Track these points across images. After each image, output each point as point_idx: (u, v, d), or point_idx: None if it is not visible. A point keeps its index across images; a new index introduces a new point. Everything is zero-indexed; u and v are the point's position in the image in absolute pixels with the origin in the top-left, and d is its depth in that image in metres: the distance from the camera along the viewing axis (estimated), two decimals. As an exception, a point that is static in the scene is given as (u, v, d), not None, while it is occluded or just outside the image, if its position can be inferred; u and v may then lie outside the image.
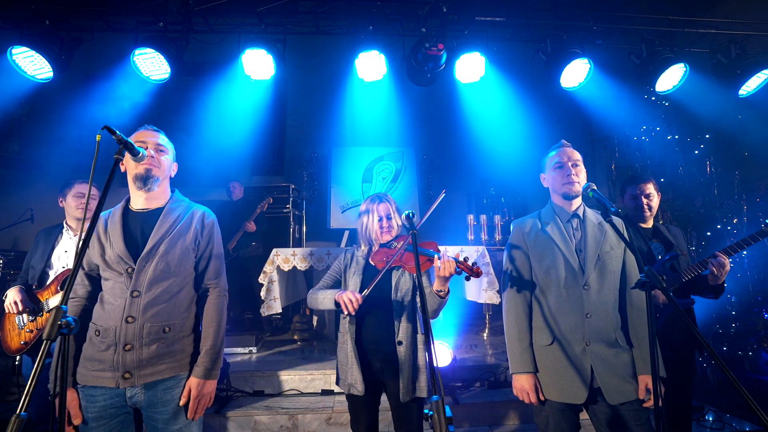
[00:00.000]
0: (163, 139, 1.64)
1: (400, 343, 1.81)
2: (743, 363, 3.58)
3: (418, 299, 1.88)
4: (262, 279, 3.59)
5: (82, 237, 1.18)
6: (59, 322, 1.03)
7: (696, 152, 4.14)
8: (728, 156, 4.21)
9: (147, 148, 1.54)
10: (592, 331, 1.64)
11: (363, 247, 2.01)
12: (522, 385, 1.69)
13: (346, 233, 5.06)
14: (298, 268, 3.65)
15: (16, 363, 2.36)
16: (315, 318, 4.61)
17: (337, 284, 2.04)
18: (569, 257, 1.71)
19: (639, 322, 1.66)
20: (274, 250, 3.67)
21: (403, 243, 1.83)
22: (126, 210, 1.59)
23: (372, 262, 1.93)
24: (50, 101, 5.65)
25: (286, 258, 3.66)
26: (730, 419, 3.05)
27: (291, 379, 3.28)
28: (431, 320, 1.84)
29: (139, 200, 1.59)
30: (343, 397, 3.15)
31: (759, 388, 3.40)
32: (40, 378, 1.99)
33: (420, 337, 1.86)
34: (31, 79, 3.45)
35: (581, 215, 1.79)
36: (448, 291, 1.70)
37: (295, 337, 4.42)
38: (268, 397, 3.16)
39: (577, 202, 1.80)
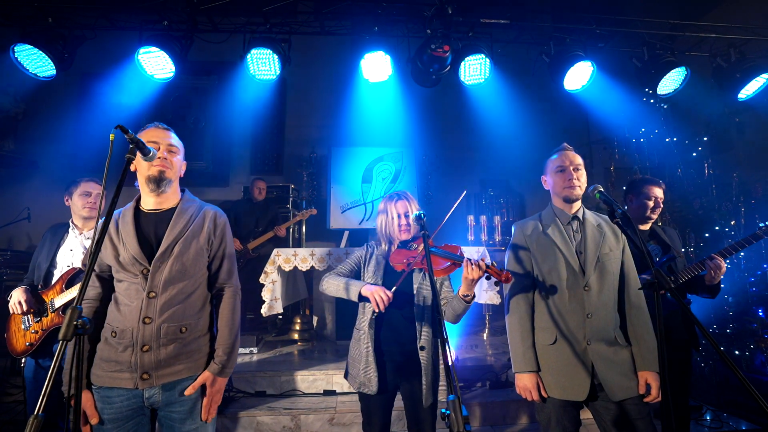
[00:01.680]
0: (174, 138, 1.61)
1: (422, 348, 1.80)
2: (740, 363, 3.63)
3: (440, 302, 1.85)
4: (263, 279, 3.58)
5: (95, 239, 1.17)
6: (75, 322, 1.03)
7: (694, 154, 4.19)
8: (726, 159, 4.27)
9: (159, 148, 1.52)
10: (593, 331, 1.68)
11: (383, 246, 1.98)
12: (525, 383, 1.73)
13: (346, 233, 5.06)
14: (300, 268, 3.65)
15: (22, 365, 2.32)
16: (315, 318, 4.60)
17: (356, 275, 2.00)
18: (570, 259, 1.75)
19: (637, 320, 1.71)
20: (275, 250, 3.67)
21: (424, 245, 1.80)
22: (137, 210, 1.57)
23: (391, 263, 1.89)
24: (46, 99, 5.60)
25: (287, 258, 3.66)
26: (727, 418, 3.09)
27: (293, 379, 3.28)
28: (454, 324, 1.82)
29: (150, 201, 1.57)
30: (346, 398, 3.18)
31: (756, 388, 3.44)
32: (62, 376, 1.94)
33: (441, 341, 1.86)
34: (34, 77, 3.42)
35: (581, 217, 1.83)
36: (474, 296, 1.69)
37: (296, 337, 4.41)
38: (270, 398, 3.15)
39: (577, 204, 1.85)
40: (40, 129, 5.76)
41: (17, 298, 2.15)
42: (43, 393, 0.95)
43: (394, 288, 1.72)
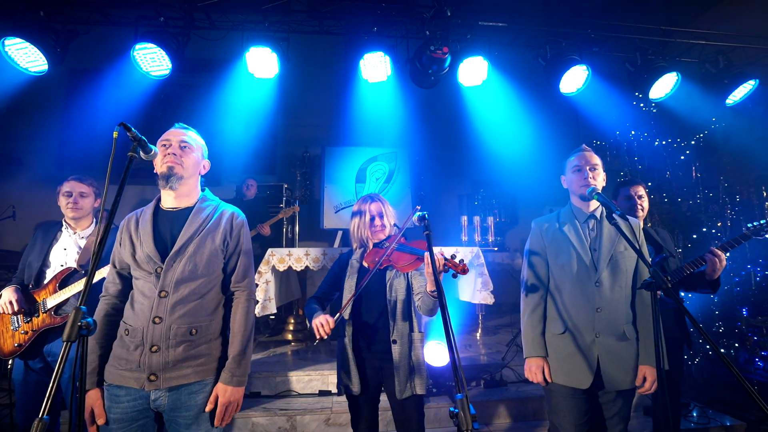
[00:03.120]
0: (189, 136, 1.61)
1: (394, 342, 1.83)
2: (726, 361, 3.74)
3: (414, 297, 1.90)
4: (257, 279, 3.54)
5: (98, 238, 1.16)
6: (79, 323, 1.01)
7: (682, 157, 4.31)
8: (713, 162, 4.39)
9: (170, 145, 1.53)
10: (602, 324, 1.76)
11: (357, 249, 2.02)
12: (531, 366, 1.84)
13: (340, 233, 5.05)
14: (294, 268, 3.63)
15: (9, 367, 2.25)
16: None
17: (335, 290, 2.04)
18: (583, 255, 1.82)
19: (642, 317, 1.78)
20: (270, 250, 3.65)
21: (393, 242, 1.84)
22: (157, 209, 1.58)
23: (365, 264, 1.94)
24: (31, 94, 5.42)
25: (281, 258, 3.64)
26: (713, 414, 3.18)
27: (288, 380, 3.26)
28: (429, 318, 1.87)
29: (168, 199, 1.57)
30: (342, 398, 3.15)
31: (741, 385, 3.55)
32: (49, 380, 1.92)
33: (416, 336, 1.89)
34: (24, 72, 3.33)
35: (598, 216, 1.88)
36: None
37: (289, 337, 4.38)
38: (265, 399, 3.13)
39: (595, 203, 1.89)
40: (25, 125, 5.61)
41: (7, 297, 2.07)
42: (47, 396, 0.94)
43: (345, 307, 1.74)
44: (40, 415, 0.91)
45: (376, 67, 3.74)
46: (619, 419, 1.78)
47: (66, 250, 2.22)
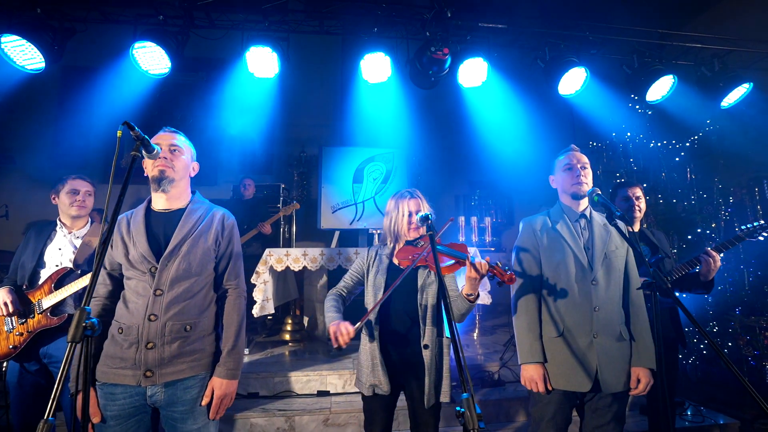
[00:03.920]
0: (179, 139, 1.64)
1: (426, 347, 1.74)
2: (719, 361, 3.79)
3: (450, 302, 1.84)
4: (254, 279, 3.54)
5: (102, 239, 1.16)
6: (84, 324, 1.02)
7: (677, 159, 4.37)
8: (708, 164, 4.45)
9: (162, 149, 1.54)
10: (600, 324, 1.74)
11: (388, 245, 1.95)
12: (530, 374, 1.76)
13: (337, 233, 5.05)
14: (291, 268, 3.63)
15: (3, 369, 2.21)
16: (306, 319, 4.57)
17: (359, 284, 1.97)
18: (579, 254, 1.81)
19: (637, 318, 1.78)
20: (267, 250, 3.64)
21: (431, 244, 1.79)
22: (148, 210, 1.61)
23: (396, 261, 1.87)
24: (24, 92, 5.35)
25: (279, 258, 3.64)
26: (707, 413, 3.22)
27: (286, 380, 3.25)
28: (458, 323, 1.77)
29: (160, 201, 1.61)
30: (341, 398, 3.18)
31: (735, 383, 3.62)
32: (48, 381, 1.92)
33: (445, 341, 1.81)
34: (21, 70, 3.30)
35: (588, 216, 1.89)
36: (478, 295, 1.65)
37: (287, 338, 4.37)
38: (264, 399, 3.11)
39: (585, 203, 1.90)
40: (19, 123, 5.55)
41: (1, 298, 2.04)
42: (53, 396, 0.94)
43: (364, 319, 1.65)
44: (45, 417, 0.92)
45: (376, 68, 3.73)
46: (616, 422, 1.76)
47: (61, 250, 2.20)
